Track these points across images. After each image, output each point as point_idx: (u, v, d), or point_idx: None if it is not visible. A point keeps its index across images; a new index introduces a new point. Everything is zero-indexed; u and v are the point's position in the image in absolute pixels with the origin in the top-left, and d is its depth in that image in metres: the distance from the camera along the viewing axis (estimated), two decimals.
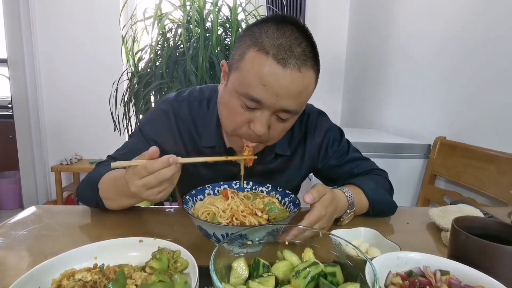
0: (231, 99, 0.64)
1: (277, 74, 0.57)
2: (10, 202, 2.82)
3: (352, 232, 0.61)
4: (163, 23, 1.96)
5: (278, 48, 0.58)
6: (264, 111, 0.61)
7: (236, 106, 0.63)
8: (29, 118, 2.69)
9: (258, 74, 0.58)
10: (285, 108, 0.61)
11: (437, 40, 1.62)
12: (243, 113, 0.63)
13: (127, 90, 2.08)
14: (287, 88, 0.58)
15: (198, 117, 0.78)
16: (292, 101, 0.61)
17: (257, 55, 0.58)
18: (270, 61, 0.57)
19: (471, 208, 0.77)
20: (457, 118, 1.46)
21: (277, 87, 0.58)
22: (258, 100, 0.60)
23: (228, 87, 0.65)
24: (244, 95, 0.60)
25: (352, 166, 0.86)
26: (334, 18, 2.78)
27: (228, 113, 0.66)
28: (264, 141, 0.68)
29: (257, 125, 0.62)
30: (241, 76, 0.61)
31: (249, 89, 0.59)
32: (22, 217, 0.75)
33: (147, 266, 0.46)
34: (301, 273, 0.40)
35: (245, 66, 0.60)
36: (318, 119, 0.84)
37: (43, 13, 2.66)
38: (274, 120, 0.64)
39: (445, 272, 0.44)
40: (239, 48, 0.63)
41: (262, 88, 0.58)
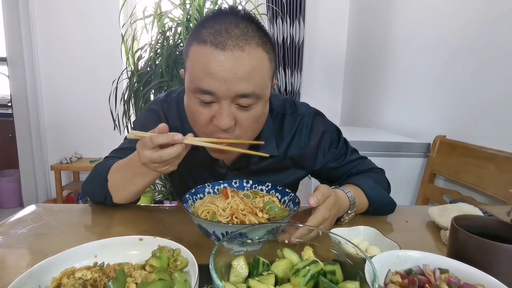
0: (189, 101, 0.63)
1: (218, 59, 0.56)
2: (10, 200, 2.83)
3: (351, 230, 0.61)
4: (163, 21, 1.95)
5: (215, 34, 0.57)
6: (221, 102, 0.59)
7: (195, 106, 0.61)
8: (29, 116, 2.69)
9: (201, 65, 0.57)
10: (240, 92, 0.58)
11: (436, 39, 1.62)
12: (203, 111, 0.61)
13: (127, 89, 2.08)
14: (233, 71, 0.56)
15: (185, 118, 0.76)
16: (245, 84, 0.57)
17: (197, 48, 0.58)
18: (209, 49, 0.56)
19: (470, 206, 0.78)
20: (457, 117, 1.46)
21: (222, 72, 0.56)
22: (209, 92, 0.58)
23: (186, 90, 0.64)
24: (196, 90, 0.59)
25: (351, 167, 0.85)
26: (334, 17, 2.78)
27: (191, 116, 0.64)
28: (237, 136, 0.63)
29: (219, 119, 0.59)
30: (189, 74, 0.60)
31: (198, 83, 0.58)
32: (22, 216, 0.75)
33: (147, 264, 0.46)
34: (300, 271, 0.40)
35: (190, 62, 0.60)
36: (314, 121, 0.81)
37: (43, 12, 2.65)
38: (236, 110, 0.60)
39: (444, 270, 0.44)
40: (185, 49, 0.63)
41: (209, 78, 0.57)
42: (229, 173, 0.80)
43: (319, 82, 2.88)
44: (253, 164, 0.79)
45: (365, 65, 2.48)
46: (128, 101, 2.07)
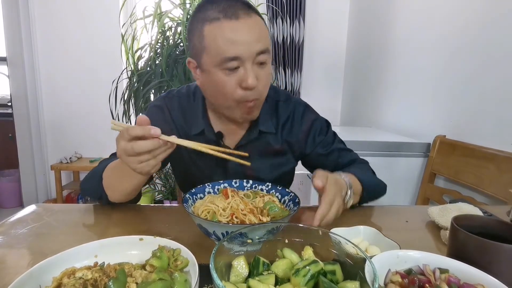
0: (213, 76, 0.69)
1: (236, 28, 0.65)
2: (10, 200, 2.82)
3: (351, 230, 0.61)
4: (163, 21, 1.95)
5: (223, 11, 0.66)
6: (245, 64, 0.67)
7: (221, 77, 0.68)
8: (28, 116, 2.69)
9: (222, 37, 0.65)
10: (259, 50, 0.67)
11: (436, 39, 1.62)
12: (230, 78, 0.68)
13: (127, 89, 2.08)
14: (250, 34, 0.66)
15: (187, 110, 0.84)
16: (261, 43, 0.67)
17: (212, 26, 0.66)
18: (225, 23, 0.65)
19: (470, 206, 0.78)
20: (457, 116, 1.46)
21: (242, 38, 0.65)
22: (236, 57, 0.66)
23: (205, 69, 0.70)
24: (222, 61, 0.66)
25: (337, 155, 0.89)
26: (334, 16, 2.77)
27: (217, 89, 0.70)
28: (260, 95, 0.72)
29: (248, 79, 0.67)
30: (212, 50, 0.67)
31: (224, 53, 0.65)
32: (22, 216, 0.75)
33: (147, 264, 0.46)
34: (301, 271, 0.40)
35: (209, 41, 0.67)
36: (305, 110, 0.89)
37: (43, 12, 2.65)
38: (257, 69, 0.69)
39: (444, 270, 0.44)
40: (194, 37, 0.70)
41: (233, 45, 0.65)
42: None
43: (319, 82, 2.87)
44: (254, 146, 0.83)
45: (365, 65, 2.48)
46: (128, 101, 2.06)
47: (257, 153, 0.83)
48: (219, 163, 0.83)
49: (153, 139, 0.55)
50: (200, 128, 0.81)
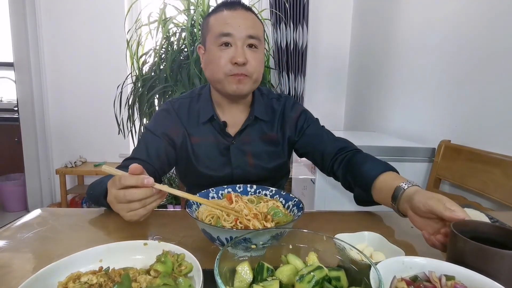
0: (212, 53, 0.84)
1: (232, 15, 0.83)
2: (15, 204, 2.84)
3: (356, 236, 0.61)
4: (167, 27, 1.97)
5: (226, 6, 0.85)
6: (237, 42, 0.81)
7: (216, 53, 0.82)
8: (34, 121, 2.72)
9: (222, 20, 0.82)
10: (250, 34, 0.82)
11: (441, 43, 1.61)
12: (223, 54, 0.82)
13: (132, 94, 2.10)
14: (244, 20, 0.82)
15: (192, 107, 0.95)
16: (252, 29, 0.82)
17: (216, 15, 0.84)
18: (225, 12, 0.84)
19: (476, 212, 0.77)
20: (462, 121, 1.46)
21: (236, 21, 0.81)
22: (228, 33, 0.81)
23: (207, 48, 0.86)
24: (219, 35, 0.81)
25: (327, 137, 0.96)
26: (337, 21, 2.79)
27: (213, 63, 0.83)
28: (249, 73, 0.83)
29: (236, 55, 0.80)
30: (213, 30, 0.83)
31: (219, 30, 0.81)
32: (28, 220, 0.76)
33: (152, 269, 0.46)
34: (305, 277, 0.40)
35: (212, 24, 0.84)
36: (294, 103, 1.01)
37: (49, 18, 2.69)
38: (247, 50, 0.83)
39: (451, 277, 0.43)
40: (203, 28, 0.89)
41: (227, 25, 0.81)
42: (234, 142, 0.93)
43: (322, 86, 2.88)
44: (252, 131, 0.94)
45: (368, 69, 2.48)
46: (133, 106, 2.08)
47: (255, 138, 0.95)
48: (222, 152, 0.93)
49: (146, 188, 0.56)
50: (209, 115, 0.91)
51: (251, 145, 0.94)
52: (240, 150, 0.93)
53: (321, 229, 0.74)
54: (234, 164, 0.93)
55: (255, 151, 0.94)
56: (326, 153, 0.94)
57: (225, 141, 0.93)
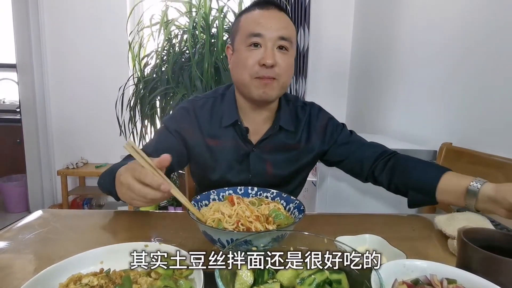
0: (240, 53, 0.81)
1: (264, 15, 0.80)
2: (16, 205, 2.85)
3: (357, 239, 0.61)
4: (169, 29, 1.98)
5: (259, 5, 0.82)
6: (267, 44, 0.78)
7: (246, 53, 0.79)
8: (36, 122, 2.73)
9: (252, 20, 0.80)
10: (281, 35, 0.78)
11: (443, 46, 1.61)
12: (251, 54, 0.79)
13: (133, 95, 2.11)
14: (275, 22, 0.79)
15: (215, 108, 0.91)
16: (284, 30, 0.79)
17: (247, 14, 0.82)
18: (257, 11, 0.81)
19: (478, 215, 0.77)
20: (463, 124, 1.45)
21: (268, 21, 0.79)
22: (259, 34, 0.78)
23: (235, 48, 0.84)
24: (249, 35, 0.78)
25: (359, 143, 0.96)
26: (338, 24, 2.79)
27: (241, 64, 0.81)
28: (277, 75, 0.79)
29: (265, 57, 0.77)
30: (243, 30, 0.81)
31: (250, 30, 0.78)
32: (29, 221, 0.76)
33: (153, 271, 0.46)
34: (306, 280, 0.40)
35: (243, 24, 0.82)
36: (320, 111, 0.99)
37: (52, 20, 2.70)
38: (277, 53, 0.79)
39: (452, 280, 0.43)
40: (233, 27, 0.86)
41: (259, 25, 0.78)
42: (254, 150, 0.90)
43: (324, 88, 2.88)
44: (274, 142, 0.91)
45: (370, 71, 2.48)
46: (134, 107, 2.09)
47: (276, 148, 0.91)
48: (241, 158, 0.90)
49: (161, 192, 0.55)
50: (233, 119, 0.87)
51: (272, 154, 0.91)
52: (259, 158, 0.90)
53: (322, 231, 0.73)
54: (253, 172, 0.90)
55: (275, 160, 0.91)
56: (365, 160, 0.91)
57: (245, 148, 0.90)
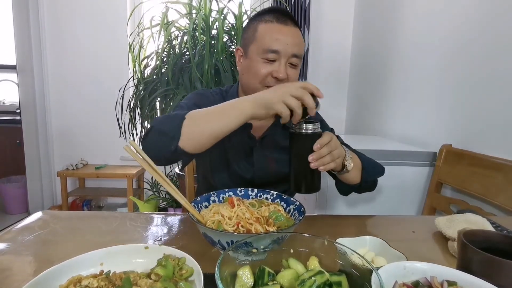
0: (253, 63, 0.85)
1: (283, 31, 0.83)
2: (16, 206, 2.84)
3: (357, 240, 0.61)
4: (169, 30, 1.98)
5: (276, 17, 0.85)
6: (281, 59, 0.83)
7: (260, 64, 0.84)
8: (36, 123, 2.73)
9: (271, 34, 0.83)
10: (295, 53, 0.83)
11: (443, 47, 1.62)
12: (265, 66, 0.83)
13: (133, 97, 2.11)
14: (292, 38, 0.83)
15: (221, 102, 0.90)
16: (298, 47, 0.84)
17: (267, 25, 0.84)
18: (276, 25, 0.84)
19: (478, 217, 0.77)
20: (463, 125, 1.45)
21: (286, 39, 0.82)
22: (276, 51, 0.82)
23: (249, 56, 0.86)
24: (266, 51, 0.82)
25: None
26: (338, 25, 2.79)
27: (253, 73, 0.85)
28: None
29: (279, 71, 0.82)
30: (260, 42, 0.84)
31: (269, 45, 0.82)
32: (29, 222, 0.76)
33: (153, 273, 0.46)
34: (306, 282, 0.40)
35: (260, 34, 0.84)
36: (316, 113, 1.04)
37: (52, 21, 2.71)
38: (288, 68, 0.84)
39: (453, 282, 0.43)
40: (249, 30, 0.88)
41: (277, 41, 0.82)
42: (258, 144, 0.94)
43: (323, 90, 2.80)
44: (276, 139, 0.95)
45: (370, 73, 2.48)
46: (134, 109, 2.09)
47: (278, 146, 0.95)
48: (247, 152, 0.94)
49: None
50: None
51: (274, 152, 0.95)
52: (263, 154, 0.94)
53: (322, 233, 0.73)
54: (256, 167, 0.94)
55: (278, 157, 0.95)
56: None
57: (249, 142, 0.94)
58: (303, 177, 0.69)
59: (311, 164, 0.66)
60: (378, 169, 0.94)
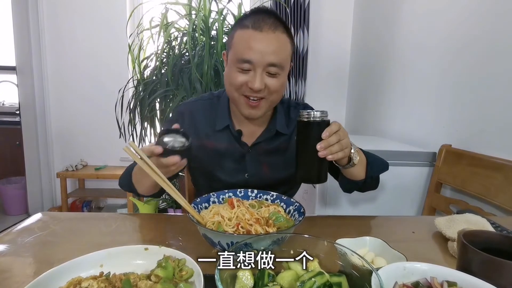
0: (231, 70, 0.81)
1: (257, 38, 0.77)
2: (16, 207, 2.84)
3: (357, 241, 0.61)
4: (169, 31, 1.98)
5: (254, 21, 0.78)
6: (256, 69, 0.77)
7: (235, 73, 0.79)
8: (36, 124, 2.73)
9: (244, 42, 0.77)
10: (271, 62, 0.77)
11: (442, 47, 1.62)
12: (241, 75, 0.79)
13: (133, 98, 2.11)
14: (268, 46, 0.76)
15: (210, 110, 0.93)
16: (275, 56, 0.77)
17: (241, 31, 0.79)
18: (250, 31, 0.77)
19: (478, 217, 0.77)
20: (463, 126, 1.46)
21: (259, 47, 0.76)
22: (249, 60, 0.77)
23: (228, 63, 0.83)
24: (239, 60, 0.77)
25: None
26: (337, 26, 2.80)
27: (230, 81, 0.81)
28: (265, 95, 0.81)
29: (254, 82, 0.77)
30: (234, 49, 0.79)
31: (241, 55, 0.77)
32: (29, 224, 0.76)
33: (153, 274, 0.46)
34: (306, 283, 0.40)
35: (235, 41, 0.80)
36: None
37: (52, 22, 2.71)
38: (267, 78, 0.79)
39: (453, 283, 0.43)
40: (229, 36, 0.84)
41: (249, 50, 0.76)
42: (250, 151, 0.92)
43: (323, 91, 2.88)
44: (269, 144, 0.93)
45: (369, 73, 2.49)
46: (134, 110, 2.09)
47: (272, 150, 0.93)
48: (238, 160, 0.92)
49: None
50: (225, 124, 0.90)
51: (268, 157, 0.93)
52: (256, 159, 0.92)
53: (322, 234, 0.73)
54: (250, 172, 0.92)
55: (272, 163, 0.93)
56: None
57: (241, 149, 0.92)
58: (311, 166, 0.67)
59: (319, 152, 0.64)
60: (383, 164, 0.93)
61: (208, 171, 0.93)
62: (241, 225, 0.59)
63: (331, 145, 0.65)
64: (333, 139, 0.66)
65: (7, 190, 2.82)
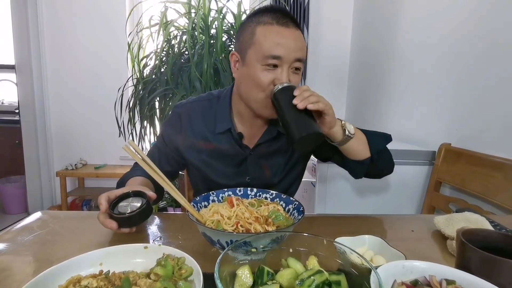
0: (253, 70, 0.78)
1: (285, 34, 0.76)
2: (15, 206, 2.84)
3: (356, 239, 0.61)
4: (169, 30, 1.98)
5: (276, 18, 0.77)
6: (283, 65, 0.76)
7: (260, 72, 0.77)
8: (35, 123, 2.72)
9: (272, 38, 0.76)
10: (298, 57, 0.77)
11: (442, 46, 1.62)
12: (267, 74, 0.76)
13: (132, 96, 2.10)
14: (295, 42, 0.76)
15: (209, 112, 0.91)
16: (300, 51, 0.77)
17: (265, 27, 0.77)
18: (276, 27, 0.77)
19: (477, 216, 0.77)
20: (462, 125, 1.46)
21: (288, 43, 0.76)
22: (278, 56, 0.75)
23: (247, 63, 0.79)
24: (267, 57, 0.75)
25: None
26: (337, 25, 2.79)
27: (253, 83, 0.78)
28: None
29: (283, 77, 0.76)
30: (259, 46, 0.76)
31: (270, 51, 0.75)
32: (28, 222, 0.76)
33: (152, 272, 0.46)
34: (305, 281, 0.40)
35: (259, 38, 0.77)
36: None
37: (51, 21, 2.70)
38: (291, 74, 0.78)
39: (451, 281, 0.43)
40: (245, 33, 0.80)
41: (278, 46, 0.75)
42: (251, 153, 0.90)
43: (323, 89, 2.84)
44: (270, 146, 0.91)
45: (369, 72, 2.49)
46: (133, 108, 2.08)
47: (273, 153, 0.92)
48: (238, 162, 0.91)
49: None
50: (226, 127, 0.88)
51: (269, 159, 0.92)
52: (257, 162, 0.91)
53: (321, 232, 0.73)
54: (251, 174, 0.92)
55: (273, 164, 0.93)
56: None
57: (242, 151, 0.90)
58: (295, 121, 0.69)
59: (298, 104, 0.67)
60: (384, 136, 0.92)
61: (207, 175, 0.92)
62: (240, 223, 0.59)
63: (306, 97, 0.69)
64: (306, 93, 0.70)
65: (6, 189, 2.82)
